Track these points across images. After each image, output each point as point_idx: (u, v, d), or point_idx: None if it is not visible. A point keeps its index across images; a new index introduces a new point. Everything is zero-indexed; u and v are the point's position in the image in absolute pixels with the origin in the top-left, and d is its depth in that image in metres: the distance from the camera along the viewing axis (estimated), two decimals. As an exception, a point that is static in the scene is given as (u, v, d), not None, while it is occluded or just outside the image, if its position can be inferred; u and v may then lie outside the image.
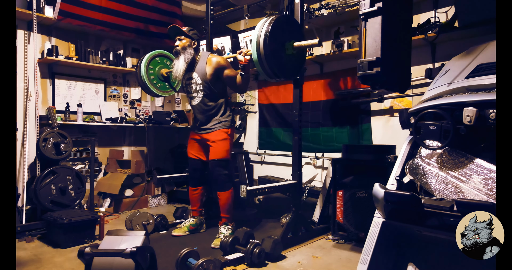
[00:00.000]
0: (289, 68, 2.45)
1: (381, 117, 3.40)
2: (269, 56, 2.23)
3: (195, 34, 2.94)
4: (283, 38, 2.36)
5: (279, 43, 2.32)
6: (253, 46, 2.23)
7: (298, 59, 2.54)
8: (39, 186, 3.09)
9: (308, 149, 3.87)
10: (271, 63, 2.26)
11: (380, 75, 1.92)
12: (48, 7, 3.59)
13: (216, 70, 2.85)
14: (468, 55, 2.09)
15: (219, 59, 2.86)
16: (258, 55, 2.22)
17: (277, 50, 2.30)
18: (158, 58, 3.29)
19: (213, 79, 2.87)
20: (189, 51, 2.88)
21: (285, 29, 2.37)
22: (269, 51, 2.22)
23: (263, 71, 2.29)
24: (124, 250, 1.67)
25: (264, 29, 2.23)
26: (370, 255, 1.80)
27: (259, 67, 2.27)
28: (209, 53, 2.95)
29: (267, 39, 2.21)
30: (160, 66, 3.29)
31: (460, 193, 1.65)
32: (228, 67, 2.86)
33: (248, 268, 2.36)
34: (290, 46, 2.38)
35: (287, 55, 2.39)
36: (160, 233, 3.09)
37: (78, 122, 3.83)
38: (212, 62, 2.85)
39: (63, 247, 2.72)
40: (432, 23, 2.84)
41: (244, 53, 2.63)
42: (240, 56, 2.64)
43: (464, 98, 1.70)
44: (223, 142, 2.92)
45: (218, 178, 2.87)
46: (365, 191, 2.80)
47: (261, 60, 2.23)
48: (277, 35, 2.27)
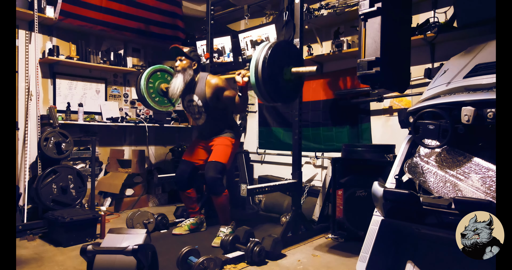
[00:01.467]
0: (286, 93, 2.41)
1: (381, 117, 3.42)
2: (267, 80, 2.19)
3: (196, 55, 2.94)
4: (282, 63, 2.33)
5: (277, 68, 2.28)
6: (251, 69, 2.21)
7: (295, 85, 2.50)
8: (41, 185, 3.11)
9: (308, 148, 3.88)
10: (268, 87, 2.22)
11: (379, 75, 1.94)
12: (49, 7, 3.61)
13: (215, 92, 2.86)
14: (466, 55, 2.11)
15: (218, 81, 2.86)
16: (256, 79, 2.20)
17: (275, 74, 2.26)
18: (159, 73, 3.30)
19: (213, 100, 2.89)
20: (188, 72, 2.89)
21: (284, 54, 2.34)
22: (266, 75, 2.19)
23: (260, 94, 2.27)
24: (126, 248, 1.68)
25: (263, 53, 2.20)
26: (369, 253, 1.82)
27: (256, 91, 2.25)
28: (208, 74, 2.95)
29: (265, 63, 2.18)
30: (160, 81, 3.29)
31: (458, 191, 1.66)
32: (227, 88, 2.87)
33: (248, 267, 2.38)
34: (288, 72, 2.36)
35: (285, 80, 2.35)
36: (160, 232, 3.11)
37: (79, 122, 3.85)
38: (211, 84, 2.85)
39: (64, 246, 2.73)
40: (431, 23, 2.86)
41: (243, 74, 2.63)
42: (239, 78, 2.64)
43: (462, 97, 1.71)
44: (225, 147, 2.93)
45: (209, 180, 2.79)
46: (364, 190, 2.82)
47: (258, 84, 2.21)
48: (276, 59, 2.24)
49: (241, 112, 2.95)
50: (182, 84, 2.87)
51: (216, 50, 4.32)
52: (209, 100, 2.88)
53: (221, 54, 4.38)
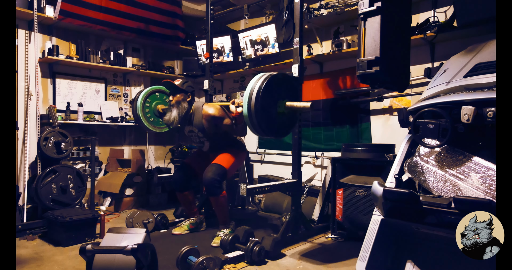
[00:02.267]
0: (279, 127, 2.35)
1: (380, 116, 3.41)
2: (259, 113, 2.14)
3: (189, 86, 2.94)
4: (277, 96, 2.28)
5: (271, 100, 2.24)
6: (245, 100, 2.17)
7: (289, 119, 2.44)
8: (40, 185, 3.11)
9: (308, 148, 3.88)
10: (260, 119, 2.17)
11: (379, 74, 1.93)
12: (49, 6, 3.61)
13: (213, 122, 2.88)
14: (466, 54, 2.11)
15: (214, 112, 2.85)
16: (249, 110, 2.15)
17: (268, 107, 2.21)
18: (158, 94, 3.31)
19: (212, 129, 2.92)
20: (183, 105, 2.90)
21: (280, 86, 2.29)
22: (260, 108, 2.14)
23: (252, 127, 2.22)
24: (125, 247, 1.68)
25: (258, 83, 2.17)
26: (369, 252, 1.81)
27: (248, 123, 2.21)
28: (203, 104, 2.94)
29: (259, 95, 2.13)
30: (158, 102, 3.31)
31: (458, 190, 1.66)
32: (224, 117, 2.87)
33: (248, 266, 2.38)
34: (282, 105, 2.31)
35: (279, 113, 2.31)
36: (160, 232, 3.11)
37: (78, 122, 3.85)
38: (208, 115, 2.86)
39: (64, 246, 2.73)
40: (431, 23, 2.86)
41: (237, 103, 2.62)
42: (232, 107, 2.64)
43: (462, 96, 1.71)
44: (229, 155, 2.94)
45: (207, 181, 2.77)
46: (364, 189, 2.82)
47: (251, 116, 2.16)
48: (270, 92, 2.20)
49: (241, 135, 2.95)
50: (177, 118, 2.89)
51: (215, 50, 4.32)
52: (207, 129, 2.92)
53: (221, 54, 4.38)
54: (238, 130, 2.84)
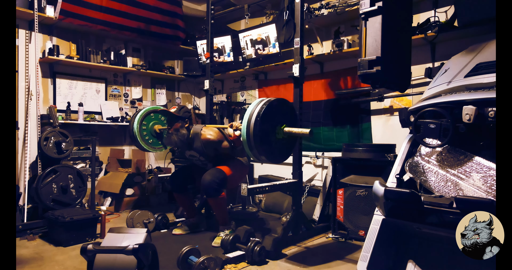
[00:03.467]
0: (277, 152, 2.36)
1: (381, 116, 3.41)
2: (257, 137, 2.15)
3: (186, 112, 2.92)
4: (275, 121, 2.29)
5: (270, 125, 2.25)
6: (244, 125, 2.18)
7: (287, 144, 2.45)
8: (41, 185, 3.11)
9: (309, 148, 3.88)
10: (258, 144, 2.17)
11: (380, 74, 1.93)
12: (49, 6, 3.61)
13: (212, 146, 2.88)
14: (467, 54, 2.11)
15: (212, 136, 2.84)
16: (247, 135, 2.16)
17: (266, 132, 2.22)
18: (153, 114, 3.31)
19: (212, 152, 2.92)
20: (181, 132, 2.88)
21: (279, 112, 2.31)
22: (258, 132, 2.15)
23: (250, 152, 2.23)
24: (126, 247, 1.68)
25: (257, 109, 2.18)
26: (370, 252, 1.81)
27: (246, 147, 2.21)
28: (202, 128, 2.93)
29: (258, 119, 2.14)
30: (154, 122, 3.30)
31: (460, 190, 1.66)
32: (223, 140, 2.86)
33: (249, 266, 2.38)
34: (280, 131, 2.32)
35: (277, 139, 2.32)
36: (161, 232, 3.11)
37: (79, 121, 3.85)
38: (207, 140, 2.86)
39: (64, 246, 2.73)
40: (432, 23, 2.86)
41: (235, 126, 2.61)
42: (231, 130, 2.64)
43: (464, 96, 1.71)
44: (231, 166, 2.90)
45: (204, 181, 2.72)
46: (365, 189, 2.82)
47: (249, 140, 2.17)
48: (269, 117, 2.21)
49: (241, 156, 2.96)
50: (178, 144, 2.89)
51: (216, 49, 4.31)
52: (207, 153, 2.92)
53: (221, 54, 4.38)
54: (237, 152, 2.83)
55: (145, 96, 4.78)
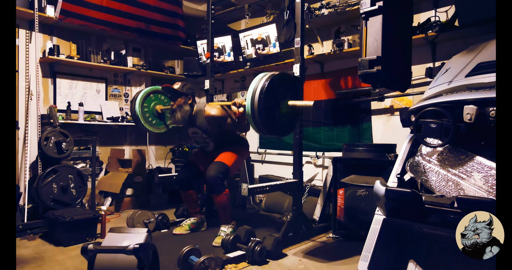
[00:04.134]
0: (282, 126, 2.37)
1: (382, 116, 3.41)
2: (262, 112, 2.15)
3: (189, 89, 2.93)
4: (279, 95, 2.29)
5: (274, 100, 2.25)
6: (248, 100, 2.18)
7: (292, 118, 2.46)
8: (41, 185, 3.10)
9: (309, 148, 3.87)
10: (263, 119, 2.17)
11: (380, 73, 1.93)
12: (50, 6, 3.60)
13: (216, 123, 2.89)
14: (468, 53, 2.11)
15: (216, 112, 2.84)
16: (252, 110, 2.16)
17: (271, 107, 2.23)
18: (153, 95, 3.30)
19: (216, 129, 2.92)
20: (185, 108, 2.90)
21: (282, 87, 2.30)
22: (263, 107, 2.15)
23: (256, 126, 2.23)
24: (127, 247, 1.68)
25: (261, 83, 2.17)
26: (371, 252, 1.81)
27: (252, 122, 2.21)
28: (205, 105, 2.94)
29: (262, 94, 2.14)
30: (155, 103, 3.30)
31: (461, 190, 1.66)
32: (227, 116, 2.86)
33: (249, 266, 2.37)
34: (284, 105, 2.32)
35: (281, 113, 2.32)
36: (161, 232, 3.10)
37: (79, 121, 3.84)
38: (210, 116, 2.86)
39: (65, 245, 2.73)
40: (433, 22, 2.86)
41: (239, 103, 2.61)
42: (234, 108, 2.62)
43: (465, 96, 1.71)
44: (232, 154, 2.94)
45: (210, 178, 2.78)
46: (365, 189, 2.81)
47: (254, 115, 2.17)
48: (273, 91, 2.21)
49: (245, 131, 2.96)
50: (182, 121, 2.91)
51: (216, 49, 4.31)
52: (211, 130, 2.92)
53: (222, 53, 4.38)
54: (241, 127, 2.83)
55: (145, 96, 4.78)
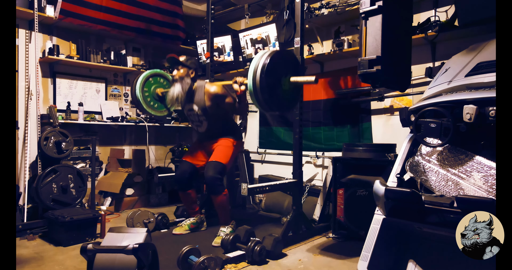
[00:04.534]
0: (284, 103, 2.39)
1: (382, 116, 3.41)
2: (265, 90, 2.16)
3: (192, 63, 2.93)
4: (280, 72, 2.30)
5: (275, 77, 2.26)
6: (249, 78, 2.18)
7: (294, 94, 2.48)
8: (41, 185, 3.10)
9: (309, 148, 3.87)
10: (266, 96, 2.19)
11: (380, 73, 1.93)
12: (49, 6, 3.60)
13: (215, 101, 2.87)
14: (468, 53, 2.10)
15: (216, 89, 2.85)
16: (254, 88, 2.17)
17: (273, 84, 2.24)
18: (152, 79, 3.28)
19: (213, 108, 2.90)
20: (186, 80, 2.88)
21: (282, 63, 2.32)
22: (265, 85, 2.16)
23: (258, 104, 2.24)
24: (126, 247, 1.67)
25: (262, 61, 2.18)
26: (370, 252, 1.81)
27: (254, 100, 2.22)
28: (206, 82, 2.94)
29: (263, 72, 2.15)
30: (156, 86, 3.28)
31: (460, 190, 1.66)
32: (226, 95, 2.86)
33: (249, 266, 2.37)
34: (286, 81, 2.33)
35: (283, 89, 2.33)
36: (161, 232, 3.10)
37: (79, 121, 3.84)
38: (210, 93, 2.85)
39: (64, 245, 2.73)
40: (432, 22, 2.85)
41: (240, 82, 2.60)
42: (236, 86, 2.61)
43: (464, 95, 1.71)
44: (226, 148, 2.93)
45: (209, 179, 2.78)
46: (365, 189, 2.81)
47: (256, 93, 2.18)
48: (274, 68, 2.22)
49: (243, 114, 2.94)
50: (180, 93, 2.87)
51: (216, 49, 4.31)
52: (208, 108, 2.89)
53: (221, 53, 4.38)
54: (240, 109, 2.80)
55: (145, 96, 4.78)
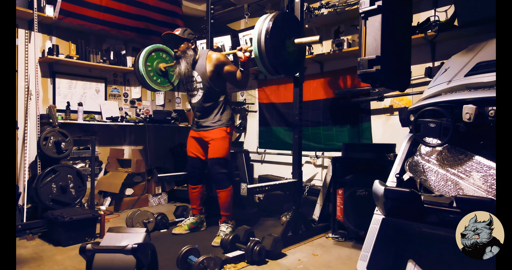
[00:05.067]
0: (290, 65, 2.44)
1: (381, 116, 3.41)
2: (270, 52, 2.21)
3: (190, 34, 2.92)
4: (284, 35, 2.35)
5: (279, 39, 2.31)
6: (254, 42, 2.22)
7: (298, 56, 2.53)
8: (40, 185, 3.10)
9: (309, 148, 3.87)
10: (271, 59, 2.24)
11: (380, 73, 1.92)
12: (49, 6, 3.60)
13: (216, 67, 2.86)
14: (467, 53, 2.10)
15: (219, 55, 2.87)
16: (259, 51, 2.21)
17: (277, 46, 2.28)
18: (154, 54, 3.29)
19: (213, 76, 2.88)
20: (189, 53, 2.89)
21: (285, 26, 2.36)
22: (270, 47, 2.21)
23: (264, 67, 2.28)
24: (125, 247, 1.67)
25: (265, 25, 2.21)
26: (370, 252, 1.81)
27: (260, 64, 2.26)
28: (208, 50, 2.96)
29: (268, 35, 2.19)
30: (158, 61, 3.29)
31: (460, 190, 1.66)
32: (228, 63, 2.87)
33: (248, 266, 2.37)
34: (290, 43, 2.37)
35: (288, 52, 2.39)
36: (160, 232, 3.10)
37: (78, 121, 3.84)
38: (212, 59, 2.86)
39: (64, 245, 2.72)
40: (432, 22, 2.85)
41: (244, 49, 2.62)
42: (240, 53, 2.63)
43: (464, 95, 1.71)
44: (222, 141, 2.93)
45: (216, 176, 2.87)
46: (365, 189, 2.81)
47: (262, 56, 2.22)
48: (277, 31, 2.26)
49: (243, 87, 2.95)
50: (187, 67, 2.87)
51: (215, 48, 4.30)
52: (209, 75, 2.87)
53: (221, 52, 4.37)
54: (241, 80, 2.81)
55: (144, 96, 4.78)
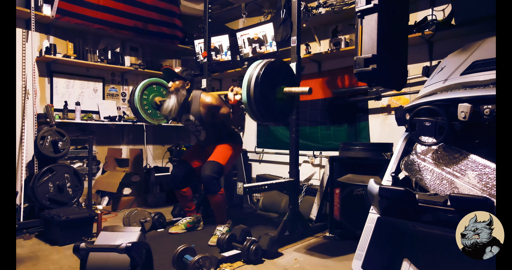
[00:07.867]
0: (278, 113, 2.37)
1: (379, 115, 3.40)
2: (258, 99, 2.16)
3: (188, 74, 2.94)
4: (275, 82, 2.30)
5: (270, 87, 2.26)
6: (244, 88, 2.18)
7: (288, 104, 2.46)
8: (37, 184, 3.10)
9: (306, 147, 3.87)
10: (259, 106, 2.19)
11: (376, 72, 1.92)
12: (46, 5, 3.59)
13: (210, 111, 2.88)
14: (463, 52, 2.10)
15: (211, 100, 2.86)
16: (248, 97, 2.17)
17: (267, 93, 2.23)
18: (155, 86, 3.30)
19: (209, 118, 2.91)
20: (181, 92, 2.89)
21: (277, 73, 2.31)
22: (259, 94, 2.16)
23: (252, 113, 2.23)
24: (119, 246, 1.67)
25: (256, 71, 2.18)
26: (365, 251, 1.80)
27: (248, 109, 2.22)
28: (201, 93, 2.94)
29: (258, 81, 2.15)
30: (155, 94, 3.29)
31: (455, 188, 1.65)
32: (221, 106, 2.87)
33: (244, 265, 2.37)
34: (280, 91, 2.32)
35: (277, 99, 2.32)
36: (157, 231, 3.10)
37: (76, 121, 3.83)
38: (205, 103, 2.87)
39: (60, 245, 2.72)
40: (429, 21, 2.85)
41: (235, 91, 2.60)
42: (231, 95, 2.61)
43: (459, 94, 1.70)
44: (225, 150, 2.94)
45: (205, 179, 2.79)
46: (362, 188, 2.80)
47: (250, 103, 2.18)
48: (269, 78, 2.21)
49: (237, 126, 2.94)
50: (176, 105, 2.88)
51: (213, 48, 4.30)
52: (204, 118, 2.91)
53: (219, 52, 4.37)
54: (235, 120, 2.80)
55: (143, 95, 4.77)
